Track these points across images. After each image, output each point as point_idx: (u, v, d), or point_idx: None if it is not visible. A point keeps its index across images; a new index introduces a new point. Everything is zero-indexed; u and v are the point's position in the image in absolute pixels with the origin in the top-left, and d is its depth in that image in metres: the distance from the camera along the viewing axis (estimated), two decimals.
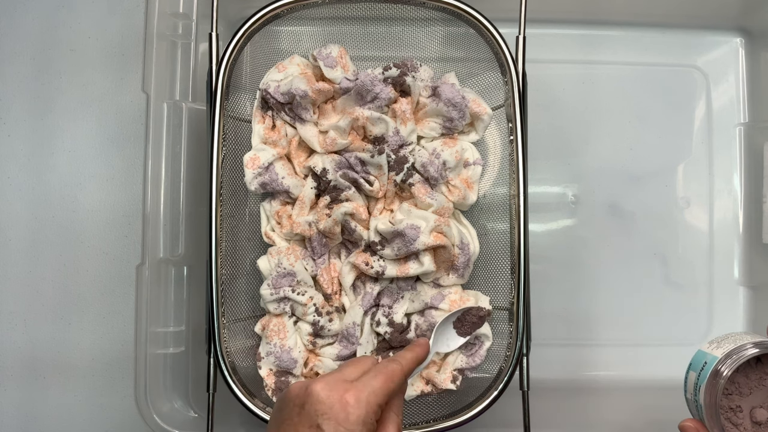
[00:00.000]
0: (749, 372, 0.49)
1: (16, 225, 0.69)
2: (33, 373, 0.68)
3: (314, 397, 0.44)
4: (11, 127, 0.70)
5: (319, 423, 0.43)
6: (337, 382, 0.45)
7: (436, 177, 0.60)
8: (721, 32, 0.74)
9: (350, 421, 0.43)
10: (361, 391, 0.44)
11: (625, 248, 0.71)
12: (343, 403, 0.43)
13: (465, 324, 0.58)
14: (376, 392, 0.45)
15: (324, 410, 0.43)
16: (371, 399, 0.44)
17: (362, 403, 0.44)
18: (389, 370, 0.47)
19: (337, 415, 0.43)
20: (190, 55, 0.63)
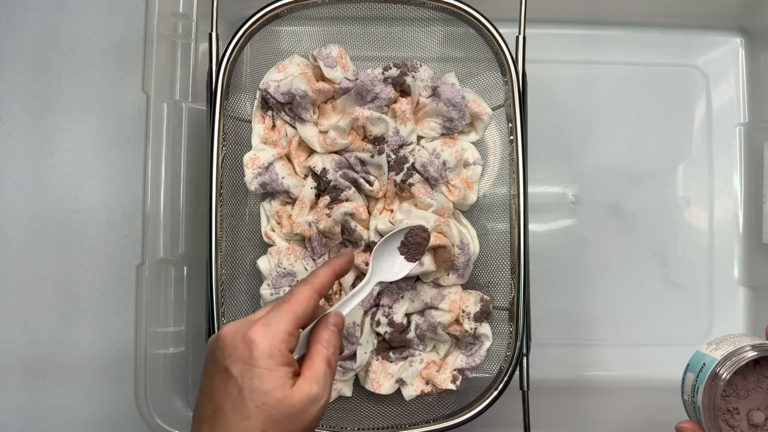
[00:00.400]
0: (747, 374, 0.49)
1: (16, 225, 0.69)
2: (33, 373, 0.68)
3: (220, 342, 0.43)
4: (11, 127, 0.70)
5: (226, 366, 0.42)
6: (244, 323, 0.43)
7: (436, 177, 0.60)
8: (721, 32, 0.74)
9: (254, 357, 0.42)
10: (264, 325, 0.43)
11: (625, 248, 0.71)
12: (246, 340, 0.42)
13: (410, 247, 0.55)
14: (281, 321, 0.43)
15: (230, 352, 0.42)
16: (275, 330, 0.43)
17: (266, 337, 0.42)
18: (294, 294, 0.45)
19: (241, 354, 0.42)
20: (190, 55, 0.63)
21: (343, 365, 0.60)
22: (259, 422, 0.41)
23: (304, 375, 0.43)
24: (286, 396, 0.42)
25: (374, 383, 0.60)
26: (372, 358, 0.61)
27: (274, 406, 0.41)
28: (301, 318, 0.44)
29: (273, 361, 0.42)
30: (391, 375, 0.61)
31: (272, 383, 0.41)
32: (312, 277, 0.47)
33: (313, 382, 0.43)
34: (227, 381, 0.42)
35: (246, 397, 0.41)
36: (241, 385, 0.41)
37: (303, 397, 0.42)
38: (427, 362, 0.61)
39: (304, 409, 0.42)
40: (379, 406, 0.62)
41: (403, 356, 0.62)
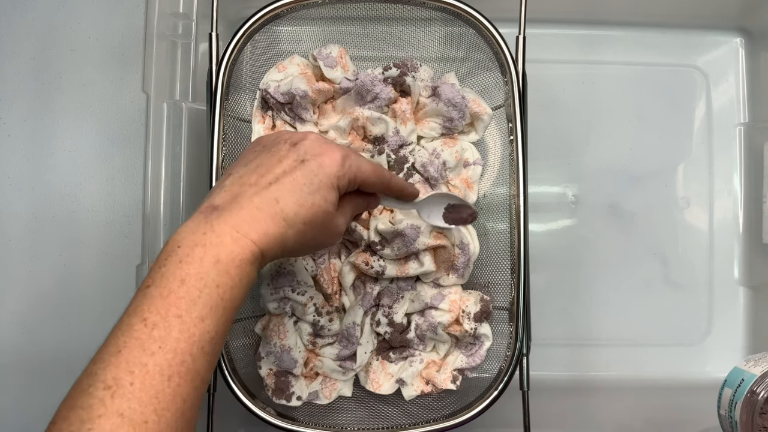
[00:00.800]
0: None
1: (16, 225, 0.69)
2: (33, 373, 0.68)
3: (310, 141, 0.46)
4: (11, 127, 0.70)
5: (305, 159, 0.45)
6: (334, 143, 0.47)
7: (436, 177, 0.60)
8: (721, 32, 0.74)
9: (333, 167, 0.45)
10: (350, 157, 0.47)
11: (625, 248, 0.71)
12: (332, 154, 0.46)
13: (453, 213, 0.58)
14: (361, 167, 0.47)
15: (315, 152, 0.45)
16: (353, 168, 0.47)
17: (345, 165, 0.46)
18: (383, 171, 0.50)
19: (322, 160, 0.45)
20: (190, 55, 0.63)
21: (343, 365, 0.60)
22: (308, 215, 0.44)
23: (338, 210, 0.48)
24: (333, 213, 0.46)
25: (374, 383, 0.60)
26: (372, 358, 0.61)
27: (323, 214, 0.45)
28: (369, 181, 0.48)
29: (340, 182, 0.46)
30: (391, 375, 0.61)
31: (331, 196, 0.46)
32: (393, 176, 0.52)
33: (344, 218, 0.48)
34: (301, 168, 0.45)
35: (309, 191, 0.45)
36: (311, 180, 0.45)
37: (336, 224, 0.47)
38: (427, 362, 0.61)
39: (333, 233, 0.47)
40: (379, 406, 0.62)
41: (403, 356, 0.62)
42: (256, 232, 0.42)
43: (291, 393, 0.60)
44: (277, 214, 0.43)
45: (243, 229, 0.42)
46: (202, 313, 0.39)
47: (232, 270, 0.41)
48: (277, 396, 0.59)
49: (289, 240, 0.44)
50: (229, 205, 0.43)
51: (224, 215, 0.42)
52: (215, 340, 0.40)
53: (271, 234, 0.43)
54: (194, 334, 0.39)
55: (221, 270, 0.41)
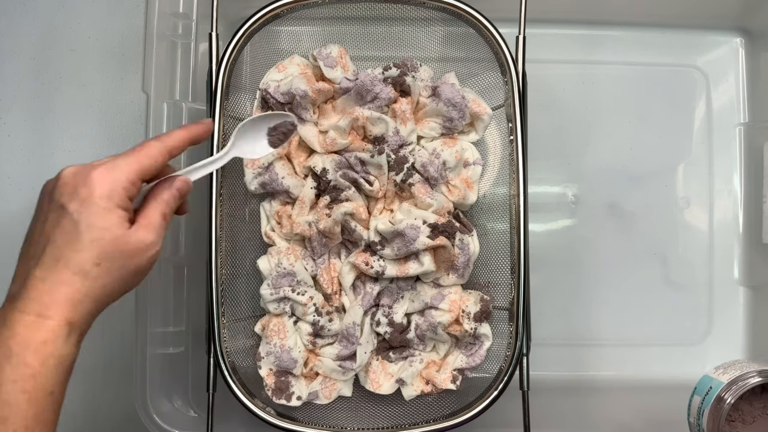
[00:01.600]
0: (753, 400, 0.48)
1: (16, 225, 0.69)
2: None
3: (60, 181, 0.43)
4: (11, 127, 0.70)
5: (63, 203, 0.42)
6: (86, 166, 0.43)
7: (436, 177, 0.60)
8: (721, 32, 0.74)
9: (94, 195, 0.42)
10: (107, 169, 0.43)
11: (625, 248, 0.71)
12: (87, 181, 0.42)
13: (277, 135, 0.55)
14: (124, 168, 0.43)
15: (69, 190, 0.42)
16: (117, 175, 0.43)
17: (107, 179, 0.42)
18: (145, 146, 0.45)
19: (80, 193, 0.42)
20: (190, 55, 0.63)
21: (343, 365, 0.60)
22: (93, 255, 0.42)
23: (139, 222, 0.44)
24: (123, 235, 0.43)
25: (374, 383, 0.60)
26: (372, 358, 0.61)
27: (110, 242, 0.42)
28: (146, 170, 0.45)
29: (112, 202, 0.42)
30: (391, 375, 0.61)
31: (109, 221, 0.42)
32: (166, 135, 0.47)
33: (148, 229, 0.44)
34: (62, 217, 0.42)
35: (81, 231, 0.42)
36: (77, 219, 0.42)
37: (139, 240, 0.43)
38: (427, 362, 0.61)
39: (138, 251, 0.44)
40: (379, 406, 0.62)
41: (403, 356, 0.62)
42: (50, 306, 0.41)
43: (291, 393, 0.60)
44: (64, 273, 0.41)
45: (35, 310, 0.40)
46: (2, 414, 0.38)
47: (29, 358, 0.39)
48: (277, 396, 0.59)
49: (94, 289, 0.42)
50: (19, 291, 0.41)
51: (16, 304, 0.41)
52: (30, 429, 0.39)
53: (68, 298, 0.41)
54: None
55: (16, 362, 0.39)
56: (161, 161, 0.46)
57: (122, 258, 0.43)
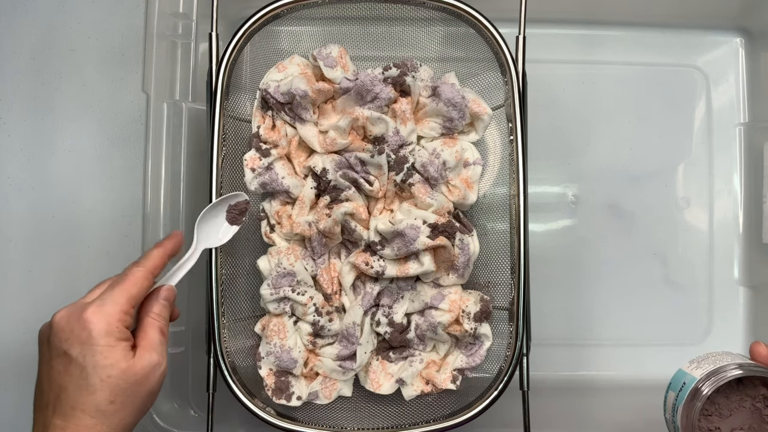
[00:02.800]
0: (730, 393, 0.48)
1: (16, 225, 0.69)
2: (33, 373, 0.68)
3: (55, 328, 0.44)
4: (11, 127, 0.70)
5: (65, 350, 0.43)
6: (76, 307, 0.45)
7: (436, 177, 0.60)
8: (721, 32, 0.74)
9: (93, 336, 0.43)
10: (99, 306, 0.44)
11: (625, 248, 0.71)
12: (82, 323, 0.44)
13: (234, 213, 0.57)
14: (115, 301, 0.45)
15: (66, 336, 0.44)
16: (110, 310, 0.44)
17: (102, 316, 0.44)
18: (128, 275, 0.47)
19: (78, 336, 0.43)
20: (190, 55, 0.63)
21: (343, 365, 0.60)
22: (106, 394, 0.43)
23: (141, 345, 0.46)
24: (130, 366, 0.44)
25: (374, 383, 0.60)
26: (372, 358, 0.61)
27: (120, 377, 0.44)
28: (135, 297, 0.46)
29: (111, 338, 0.44)
30: (391, 375, 0.61)
31: (114, 357, 0.44)
32: (144, 259, 0.49)
33: (152, 350, 0.46)
34: (68, 363, 0.43)
35: (90, 374, 0.43)
36: (83, 363, 0.43)
37: (145, 365, 0.45)
38: (427, 362, 0.61)
39: (147, 376, 0.45)
40: (379, 406, 0.62)
41: (403, 356, 0.62)
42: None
43: (291, 393, 0.60)
44: (82, 419, 0.42)
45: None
46: None
47: None
48: (277, 396, 0.59)
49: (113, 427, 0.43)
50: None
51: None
52: None
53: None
54: None
55: None
56: (147, 285, 0.48)
57: (134, 387, 0.44)
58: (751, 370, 0.47)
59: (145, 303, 0.48)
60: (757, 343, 0.49)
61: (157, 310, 0.48)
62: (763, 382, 0.48)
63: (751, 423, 0.48)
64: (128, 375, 0.44)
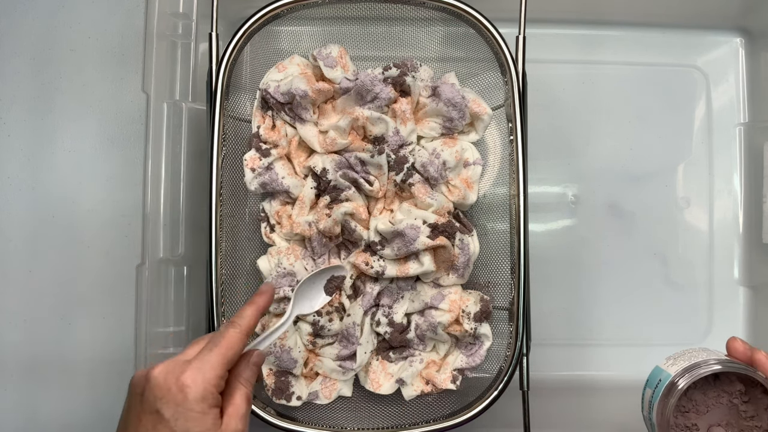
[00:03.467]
0: (707, 389, 0.48)
1: (16, 225, 0.69)
2: (33, 373, 0.68)
3: (152, 383, 0.44)
4: (11, 127, 0.70)
5: (158, 408, 0.43)
6: (176, 365, 0.44)
7: (436, 177, 0.60)
8: (721, 32, 0.74)
9: (189, 400, 0.43)
10: (197, 369, 0.44)
11: (625, 248, 0.71)
12: (179, 385, 0.43)
13: (332, 283, 0.58)
14: (213, 365, 0.45)
15: (162, 394, 0.43)
16: (208, 375, 0.44)
17: (199, 381, 0.44)
18: (226, 338, 0.46)
19: (174, 397, 0.43)
20: (190, 55, 0.63)
21: (343, 365, 0.60)
22: None
23: (227, 412, 0.45)
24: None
25: (374, 383, 0.60)
26: (372, 358, 0.61)
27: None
28: (231, 362, 0.46)
29: (206, 404, 0.44)
30: (391, 375, 0.61)
31: (205, 425, 0.43)
32: (239, 318, 0.49)
33: (237, 419, 0.45)
34: (158, 422, 0.43)
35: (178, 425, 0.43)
36: (174, 427, 0.43)
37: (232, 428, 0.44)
38: (427, 362, 0.61)
39: None
40: (379, 406, 0.62)
41: (403, 356, 0.62)
42: None
43: (291, 393, 0.60)
44: None
45: None
46: None
47: None
48: (277, 396, 0.59)
49: None
50: None
51: None
52: None
53: None
54: None
55: None
56: (242, 348, 0.47)
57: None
58: (727, 366, 0.46)
59: (237, 367, 0.47)
60: (734, 339, 0.48)
61: (246, 375, 0.47)
62: (740, 377, 0.47)
63: (728, 419, 0.47)
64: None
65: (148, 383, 0.44)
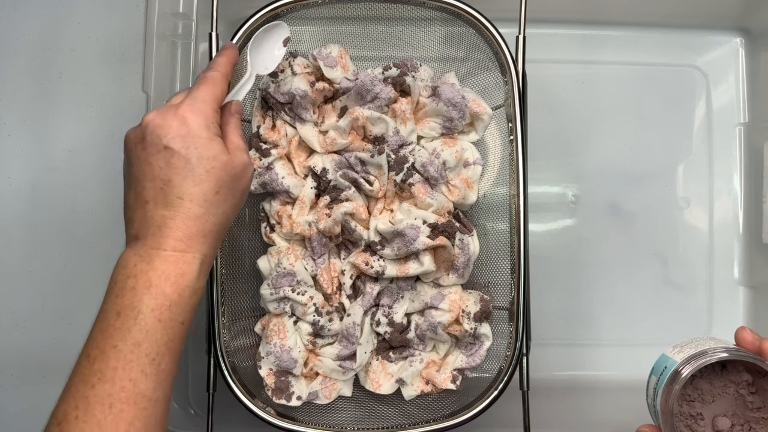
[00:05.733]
0: (713, 379, 0.47)
1: (16, 225, 0.69)
2: (33, 373, 0.68)
3: (151, 126, 0.45)
4: (11, 127, 0.70)
5: (166, 144, 0.44)
6: (167, 108, 0.46)
7: (436, 177, 0.60)
8: (721, 32, 0.74)
9: (193, 129, 0.44)
10: (190, 105, 0.46)
11: (625, 248, 0.71)
12: (180, 118, 0.45)
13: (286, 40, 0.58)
14: (205, 99, 0.46)
15: (165, 131, 0.44)
16: (203, 106, 0.46)
17: (198, 112, 0.45)
18: (208, 78, 0.48)
19: (179, 130, 0.44)
20: (190, 55, 0.63)
21: (343, 365, 0.60)
22: (212, 184, 0.44)
23: (229, 148, 0.47)
24: (229, 159, 0.46)
25: (374, 383, 0.60)
26: (372, 358, 0.61)
27: (222, 168, 0.45)
28: (219, 99, 0.48)
29: (210, 131, 0.45)
30: (391, 375, 0.61)
31: (215, 149, 0.45)
32: (215, 64, 0.51)
33: (241, 150, 0.47)
34: (170, 157, 0.44)
35: (195, 165, 0.44)
36: (187, 155, 0.44)
37: (240, 162, 0.47)
38: (427, 362, 0.61)
39: (243, 171, 0.47)
40: (379, 406, 0.62)
41: (403, 356, 0.62)
42: (184, 241, 0.43)
43: (291, 393, 0.60)
44: (191, 208, 0.44)
45: (171, 245, 0.43)
46: (138, 339, 0.41)
47: (167, 289, 0.42)
48: (277, 396, 0.59)
49: (218, 217, 0.45)
50: (146, 230, 0.44)
51: (147, 241, 0.43)
52: (157, 360, 0.41)
53: (200, 231, 0.44)
54: (131, 360, 0.41)
55: (155, 293, 0.42)
56: (224, 88, 0.49)
57: (233, 181, 0.46)
58: (733, 354, 0.46)
59: (223, 115, 0.49)
60: (743, 329, 0.48)
61: (234, 120, 0.49)
62: (747, 367, 0.47)
63: (734, 409, 0.47)
64: (229, 168, 0.45)
65: (147, 128, 0.45)
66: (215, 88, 0.48)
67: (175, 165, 0.44)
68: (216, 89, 0.48)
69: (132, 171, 0.46)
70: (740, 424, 0.47)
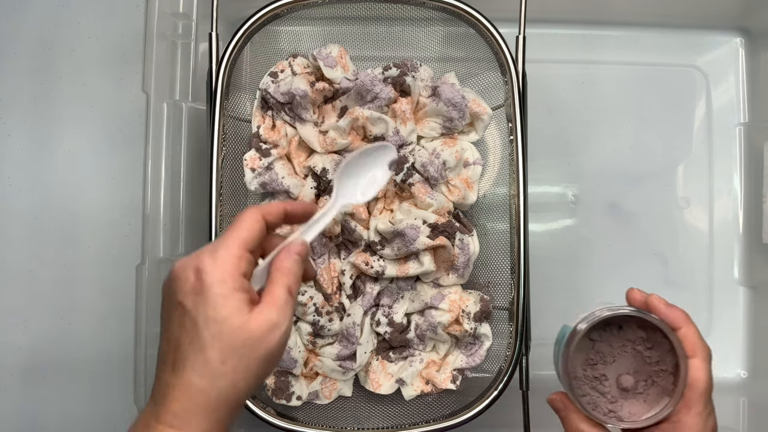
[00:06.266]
0: (612, 341, 0.49)
1: (16, 225, 0.69)
2: (33, 373, 0.68)
3: (172, 276, 0.41)
4: (11, 127, 0.70)
5: (180, 300, 0.40)
6: (195, 255, 0.41)
7: (436, 177, 0.60)
8: (721, 32, 0.74)
9: (206, 285, 0.39)
10: (211, 253, 0.40)
11: (625, 248, 0.71)
12: (196, 271, 0.40)
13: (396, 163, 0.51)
14: (228, 246, 0.41)
15: (180, 285, 0.40)
16: (223, 254, 0.40)
17: (215, 263, 0.40)
18: (239, 219, 0.43)
19: (193, 285, 0.39)
20: (190, 55, 0.63)
21: (343, 365, 0.60)
22: (217, 353, 0.39)
23: (263, 301, 0.41)
24: (244, 322, 0.39)
25: (374, 383, 0.60)
26: (372, 358, 0.61)
27: (231, 334, 0.39)
28: (248, 240, 0.42)
29: (226, 286, 0.39)
30: (391, 375, 0.61)
31: (226, 310, 0.39)
32: (261, 205, 0.45)
33: (272, 307, 0.40)
34: (183, 315, 0.39)
35: (201, 328, 0.39)
36: (195, 316, 0.39)
37: (262, 323, 0.40)
38: (427, 362, 0.61)
39: (263, 335, 0.40)
40: (379, 406, 0.62)
41: (403, 356, 0.62)
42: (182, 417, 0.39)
43: (291, 393, 0.60)
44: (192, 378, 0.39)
45: (168, 421, 0.39)
46: None
47: None
48: (277, 396, 0.59)
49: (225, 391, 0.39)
50: (155, 393, 0.40)
51: (155, 409, 0.39)
52: None
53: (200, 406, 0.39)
54: None
55: None
56: (259, 228, 0.43)
57: (248, 348, 0.39)
58: (619, 311, 0.48)
59: (276, 258, 0.43)
60: (632, 289, 0.49)
61: (287, 264, 0.43)
62: (639, 324, 0.48)
63: (635, 366, 0.49)
64: (242, 332, 0.39)
65: (169, 278, 0.41)
66: (244, 230, 0.42)
67: (185, 325, 0.39)
68: (244, 232, 0.42)
69: (161, 324, 0.42)
70: (643, 380, 0.48)
